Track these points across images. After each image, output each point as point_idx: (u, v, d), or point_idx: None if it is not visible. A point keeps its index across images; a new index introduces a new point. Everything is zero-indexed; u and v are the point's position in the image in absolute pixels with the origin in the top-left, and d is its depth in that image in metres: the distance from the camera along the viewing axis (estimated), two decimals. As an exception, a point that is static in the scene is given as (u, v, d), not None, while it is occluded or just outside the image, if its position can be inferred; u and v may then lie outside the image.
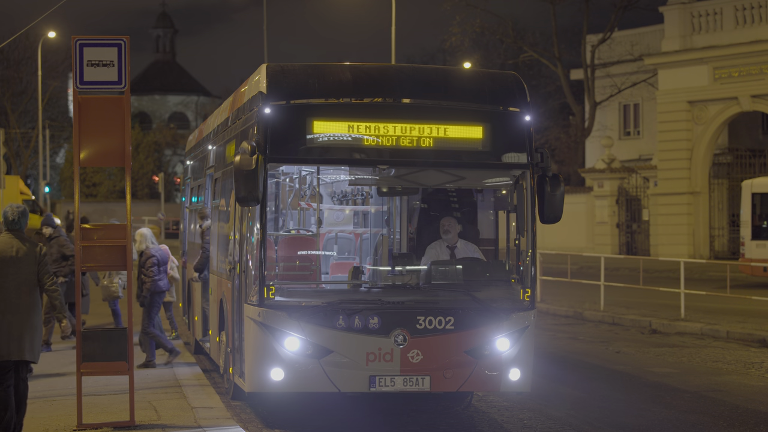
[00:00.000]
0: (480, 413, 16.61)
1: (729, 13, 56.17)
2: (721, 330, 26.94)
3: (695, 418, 16.91)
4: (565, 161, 74.31)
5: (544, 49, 72.29)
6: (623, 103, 68.75)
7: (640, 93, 65.95)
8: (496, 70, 35.45)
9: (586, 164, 66.86)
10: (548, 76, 75.30)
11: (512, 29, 72.60)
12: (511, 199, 15.71)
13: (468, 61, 70.70)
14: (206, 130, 22.42)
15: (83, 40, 14.56)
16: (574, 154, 72.46)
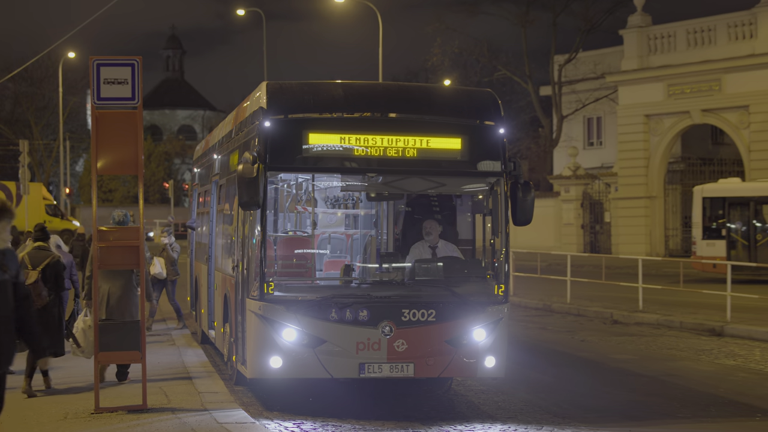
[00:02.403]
0: (459, 396, 16.61)
1: (682, 36, 56.26)
2: (675, 320, 26.98)
3: (652, 400, 16.93)
4: (535, 169, 74.33)
5: (516, 67, 72.35)
6: (587, 117, 68.82)
7: (603, 107, 66.05)
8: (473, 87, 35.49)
9: (554, 171, 66.87)
10: (520, 92, 75.27)
11: (487, 50, 72.70)
12: (486, 204, 15.73)
13: (448, 79, 70.69)
14: (212, 142, 22.39)
15: (100, 60, 14.53)
16: (543, 163, 72.52)
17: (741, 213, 42.32)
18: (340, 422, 14.38)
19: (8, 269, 8.76)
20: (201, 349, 20.67)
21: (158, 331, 23.55)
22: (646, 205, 57.59)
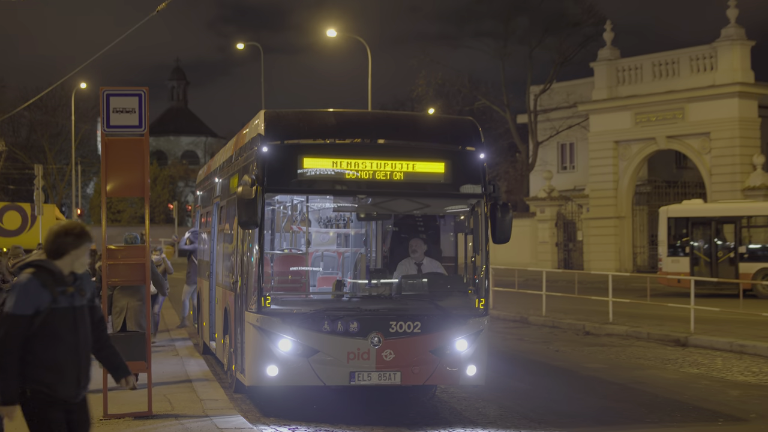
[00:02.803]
0: (442, 403, 16.57)
1: (648, 68, 56.49)
2: (642, 332, 26.96)
3: (622, 406, 16.90)
4: (513, 191, 74.38)
5: (495, 97, 72.52)
6: (561, 143, 68.94)
7: (575, 134, 66.17)
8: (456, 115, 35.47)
9: (530, 193, 66.97)
10: (498, 120, 75.31)
11: (468, 81, 72.97)
12: (468, 223, 15.70)
13: (432, 108, 70.76)
14: (213, 166, 22.37)
15: (109, 90, 14.52)
16: (520, 185, 72.61)
17: (703, 232, 42.41)
18: (332, 427, 14.33)
19: (85, 293, 8.34)
20: (203, 359, 20.60)
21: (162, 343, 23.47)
22: (616, 225, 57.72)
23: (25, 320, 7.87)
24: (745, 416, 15.97)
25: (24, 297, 7.91)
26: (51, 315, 7.97)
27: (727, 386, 18.99)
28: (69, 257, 8.15)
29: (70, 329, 8.10)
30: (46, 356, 8.01)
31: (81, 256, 8.22)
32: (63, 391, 8.04)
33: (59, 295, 8.01)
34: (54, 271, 8.06)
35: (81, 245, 8.21)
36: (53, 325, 8.00)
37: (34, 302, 7.91)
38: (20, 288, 7.96)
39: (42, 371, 7.99)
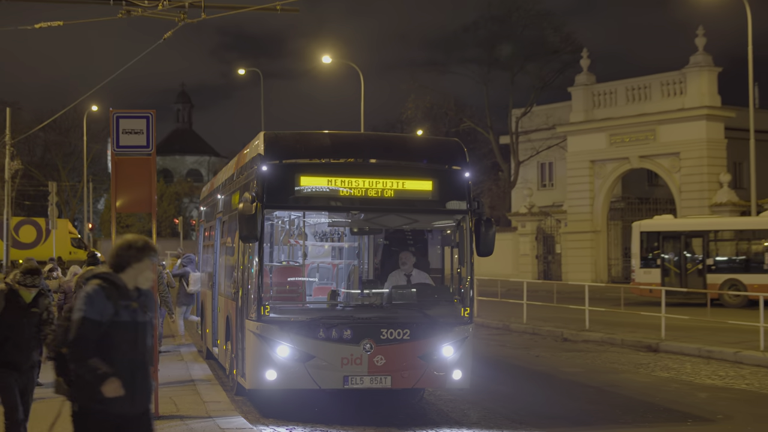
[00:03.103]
0: (430, 405, 16.56)
1: (621, 93, 56.60)
2: (617, 338, 26.97)
3: (597, 408, 16.91)
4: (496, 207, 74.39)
5: (479, 120, 72.53)
6: (541, 162, 69.03)
7: (554, 154, 66.25)
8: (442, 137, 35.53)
9: (512, 209, 66.99)
10: (482, 141, 75.35)
11: (454, 105, 73.04)
12: (454, 237, 15.73)
13: (420, 129, 70.80)
14: (216, 183, 22.37)
15: (119, 113, 14.53)
16: (503, 202, 72.63)
17: (673, 245, 42.45)
18: (327, 427, 14.32)
19: (148, 310, 7.95)
20: (206, 364, 20.56)
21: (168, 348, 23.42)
22: (592, 239, 57.75)
23: (96, 324, 7.53)
24: (712, 417, 15.98)
25: (92, 304, 7.59)
26: (112, 328, 7.62)
27: (695, 389, 19.00)
28: (132, 270, 7.79)
29: (130, 344, 7.72)
30: (108, 368, 7.57)
31: (144, 271, 7.85)
32: (116, 406, 7.61)
33: (122, 309, 7.68)
34: (119, 284, 7.75)
35: (143, 259, 7.83)
36: (113, 338, 7.63)
37: (99, 311, 7.58)
38: (88, 295, 7.62)
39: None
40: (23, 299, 11.14)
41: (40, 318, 11.29)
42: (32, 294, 11.17)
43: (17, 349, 11.03)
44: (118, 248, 7.84)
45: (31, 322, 11.17)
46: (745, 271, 40.41)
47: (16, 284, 11.11)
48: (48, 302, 11.50)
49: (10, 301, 11.07)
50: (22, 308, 11.12)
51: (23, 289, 11.09)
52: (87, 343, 7.52)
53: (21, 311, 11.10)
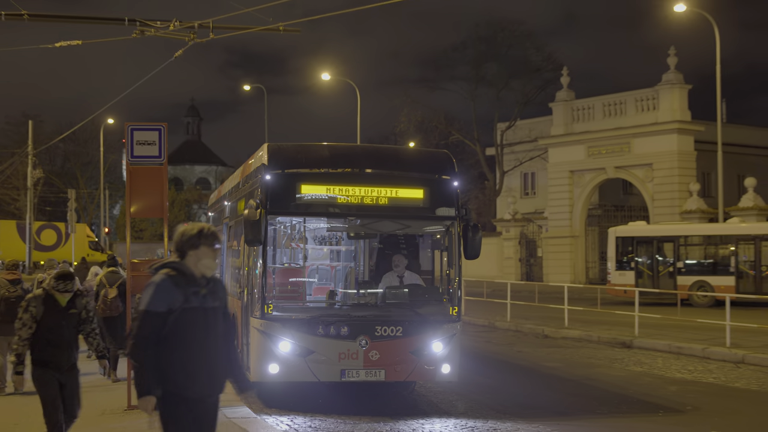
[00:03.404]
0: (421, 396, 16.56)
1: (599, 108, 56.64)
2: (593, 335, 26.99)
3: (575, 399, 16.92)
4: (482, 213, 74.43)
5: (467, 133, 72.52)
6: (524, 172, 69.07)
7: (536, 164, 66.31)
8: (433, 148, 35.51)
9: (497, 216, 66.99)
10: (470, 152, 75.38)
11: (444, 119, 72.99)
12: (443, 241, 15.74)
13: (412, 142, 70.84)
14: (223, 191, 22.38)
15: (134, 125, 14.55)
16: (489, 209, 72.66)
17: (646, 249, 42.49)
18: (325, 417, 14.32)
19: (218, 297, 7.59)
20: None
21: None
22: (571, 243, 57.76)
23: (158, 317, 7.26)
24: (681, 408, 16.00)
25: (157, 295, 7.30)
26: (183, 314, 7.33)
27: (666, 382, 19.02)
28: (190, 258, 7.44)
29: (202, 329, 7.41)
30: (177, 355, 7.35)
31: (202, 258, 7.44)
32: (193, 390, 7.38)
33: (191, 296, 7.37)
34: (186, 272, 7.42)
35: (199, 246, 7.43)
36: (185, 324, 7.35)
37: (166, 301, 7.28)
38: (154, 287, 7.36)
39: (173, 370, 7.34)
40: (59, 303, 10.85)
41: (79, 317, 11.04)
42: (67, 298, 10.88)
43: (58, 350, 10.74)
44: (177, 237, 7.56)
45: (70, 324, 10.90)
46: (712, 273, 40.45)
47: (51, 289, 10.82)
48: (86, 301, 11.24)
49: (47, 306, 10.78)
50: (59, 311, 10.83)
51: (58, 294, 10.81)
52: (147, 338, 7.29)
53: (59, 314, 10.82)
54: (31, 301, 10.84)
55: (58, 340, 10.75)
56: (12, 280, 16.02)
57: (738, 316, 26.44)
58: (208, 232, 7.49)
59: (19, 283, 16.10)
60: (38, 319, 10.73)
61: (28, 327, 10.71)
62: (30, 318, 10.73)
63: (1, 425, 12.89)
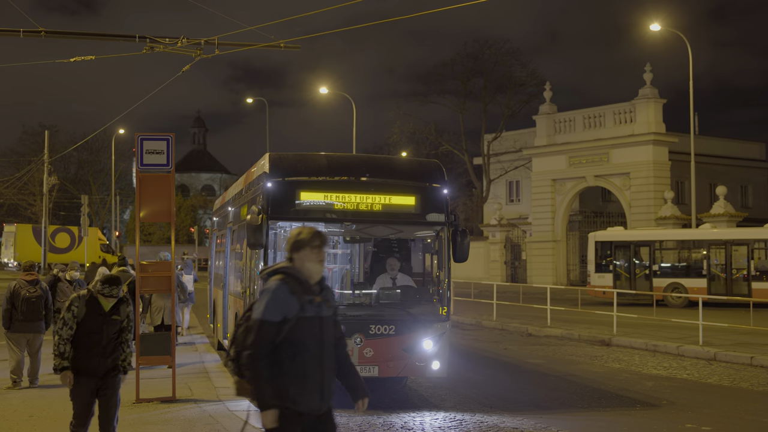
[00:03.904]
0: (413, 391, 16.53)
1: (579, 121, 56.71)
2: (574, 333, 26.98)
3: (558, 394, 16.89)
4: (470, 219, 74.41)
5: (456, 143, 72.54)
6: (509, 180, 69.09)
7: (520, 173, 66.35)
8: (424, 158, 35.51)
9: (484, 221, 66.98)
10: (459, 161, 75.48)
11: (434, 130, 73.02)
12: (434, 245, 15.72)
13: (404, 152, 70.85)
14: (227, 198, 22.35)
15: (143, 135, 14.52)
16: (476, 215, 72.65)
17: (624, 253, 42.52)
18: (322, 410, 14.26)
19: (331, 305, 6.91)
20: (217, 354, 20.51)
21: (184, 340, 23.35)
22: (553, 247, 57.78)
23: (273, 327, 6.57)
24: (657, 403, 15.98)
25: (273, 304, 6.60)
26: (298, 324, 6.62)
27: (643, 378, 19.01)
28: (297, 262, 6.79)
29: (316, 340, 6.71)
30: (292, 367, 6.63)
31: (306, 261, 6.77)
32: (306, 404, 6.69)
33: (307, 304, 6.67)
34: (301, 279, 6.73)
35: (301, 249, 6.78)
36: (300, 334, 6.63)
37: (282, 309, 6.59)
38: (270, 294, 6.65)
39: (287, 383, 6.61)
40: (102, 307, 9.99)
41: (121, 324, 10.15)
42: (111, 303, 10.01)
43: (95, 355, 9.87)
44: (287, 241, 6.93)
45: (110, 330, 10.02)
46: (686, 276, 40.49)
47: (96, 292, 9.97)
48: (129, 309, 10.29)
49: (90, 308, 9.95)
50: (101, 315, 9.98)
51: (102, 297, 9.95)
52: (262, 349, 6.57)
53: (101, 318, 9.96)
54: (74, 301, 9.99)
55: (96, 345, 9.90)
56: (30, 281, 16.00)
57: (710, 316, 26.47)
58: (313, 237, 6.85)
59: (38, 284, 16.09)
60: (79, 320, 9.89)
61: (69, 327, 9.87)
62: (71, 317, 9.90)
63: (17, 417, 12.84)
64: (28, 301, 15.73)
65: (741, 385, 18.17)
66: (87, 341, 9.88)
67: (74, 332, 9.88)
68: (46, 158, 58.63)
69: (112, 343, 10.04)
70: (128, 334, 10.23)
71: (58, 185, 77.80)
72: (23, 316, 15.72)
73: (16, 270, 76.63)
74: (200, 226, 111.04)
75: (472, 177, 71.76)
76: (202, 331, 26.43)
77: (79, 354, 9.87)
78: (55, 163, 73.33)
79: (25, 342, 15.83)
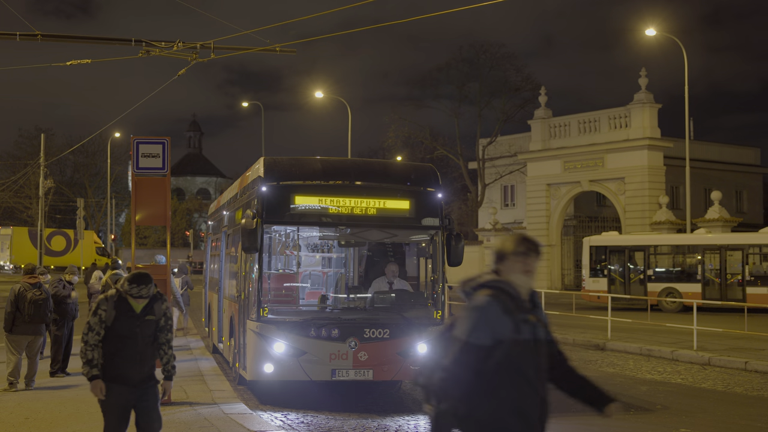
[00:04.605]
0: (407, 395, 16.52)
1: (574, 125, 56.80)
2: (569, 338, 26.99)
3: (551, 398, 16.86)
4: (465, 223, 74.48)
5: (450, 148, 72.62)
6: (504, 185, 69.16)
7: (515, 178, 66.42)
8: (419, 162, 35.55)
9: (479, 225, 67.05)
10: (453, 166, 75.49)
11: (429, 135, 73.10)
12: (428, 249, 15.73)
13: (399, 156, 70.89)
14: (222, 201, 22.35)
15: (139, 139, 14.55)
16: (471, 219, 72.72)
17: (618, 258, 42.54)
18: (317, 413, 14.29)
19: (546, 323, 5.93)
20: (212, 358, 20.49)
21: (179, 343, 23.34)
22: (547, 251, 57.81)
23: (480, 351, 5.51)
24: (651, 407, 16.00)
25: (482, 324, 5.54)
26: (514, 348, 5.58)
27: (637, 383, 19.02)
28: (503, 275, 5.85)
29: (533, 367, 5.71)
30: (510, 399, 5.59)
31: (510, 273, 5.83)
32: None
33: (521, 324, 5.64)
34: (512, 293, 5.74)
35: (505, 258, 5.86)
36: (516, 360, 5.60)
37: (494, 331, 5.54)
38: (479, 312, 5.61)
39: (506, 416, 5.57)
40: (134, 308, 8.84)
41: (157, 325, 9.00)
42: (142, 304, 8.85)
43: (129, 362, 8.76)
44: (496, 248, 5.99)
45: (145, 332, 8.86)
46: (680, 280, 40.51)
47: (125, 293, 8.84)
48: (165, 306, 9.10)
49: (120, 310, 8.80)
50: (133, 317, 8.82)
51: (131, 299, 8.81)
52: (463, 373, 5.55)
53: (133, 320, 8.81)
54: (102, 303, 8.85)
55: (130, 350, 8.77)
56: (34, 284, 16.03)
57: (704, 320, 26.51)
58: (520, 241, 5.91)
59: (41, 286, 16.12)
60: (108, 324, 8.76)
61: (96, 332, 8.74)
62: (98, 322, 8.76)
63: (13, 420, 12.82)
64: (35, 304, 15.81)
65: (735, 390, 18.19)
66: (120, 347, 8.78)
67: (104, 337, 8.78)
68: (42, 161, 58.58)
69: (149, 346, 8.95)
70: (167, 334, 9.14)
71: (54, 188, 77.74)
72: (29, 318, 15.79)
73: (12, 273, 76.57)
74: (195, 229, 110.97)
75: (467, 181, 71.82)
76: (196, 332, 26.41)
77: (112, 361, 8.77)
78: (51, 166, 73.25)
79: (25, 344, 15.87)
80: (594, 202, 62.76)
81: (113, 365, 8.75)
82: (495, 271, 5.86)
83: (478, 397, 5.55)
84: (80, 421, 12.63)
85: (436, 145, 72.49)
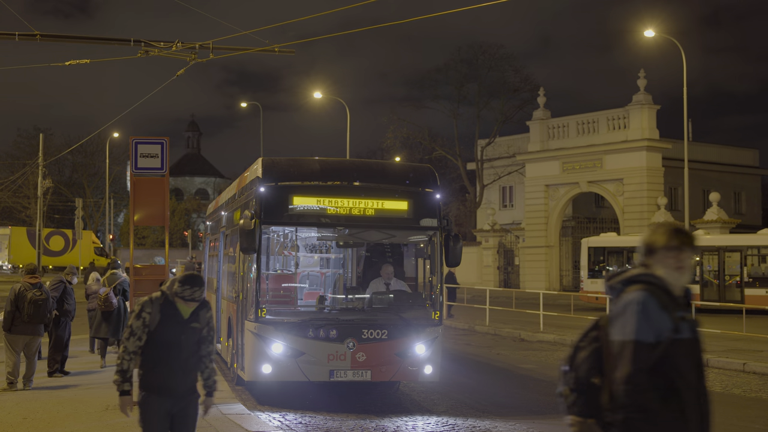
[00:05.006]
0: (405, 395, 16.53)
1: (573, 126, 56.82)
2: (567, 339, 26.98)
3: (549, 399, 16.89)
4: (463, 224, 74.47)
5: (449, 148, 72.58)
6: (502, 185, 69.17)
7: (514, 179, 66.44)
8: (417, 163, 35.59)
9: (477, 226, 67.05)
10: (452, 167, 75.50)
11: (428, 135, 73.07)
12: (426, 250, 15.74)
13: (398, 156, 70.88)
14: (220, 201, 22.33)
15: (137, 139, 14.56)
16: (469, 220, 72.70)
17: (617, 259, 42.59)
18: (315, 414, 14.29)
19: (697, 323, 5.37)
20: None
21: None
22: (546, 252, 57.85)
23: (649, 349, 5.04)
24: (648, 408, 15.98)
25: (645, 320, 5.06)
26: (672, 349, 5.09)
27: (634, 384, 19.00)
28: (653, 269, 5.31)
29: (695, 371, 5.24)
30: (665, 409, 5.10)
31: (660, 268, 5.29)
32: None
33: (680, 322, 5.15)
34: (668, 288, 5.23)
35: (655, 252, 5.31)
36: (675, 363, 5.11)
37: (655, 328, 5.07)
38: (638, 307, 5.11)
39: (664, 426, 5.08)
40: (181, 313, 8.01)
41: (201, 334, 8.14)
42: (191, 308, 8.00)
43: (173, 372, 7.98)
44: (642, 242, 5.46)
45: (190, 340, 8.05)
46: (678, 281, 40.49)
47: (174, 296, 7.99)
48: (210, 315, 8.23)
49: (165, 314, 7.99)
50: (180, 323, 8.00)
51: (181, 301, 7.96)
52: (642, 378, 5.04)
53: (179, 327, 8.00)
54: (146, 306, 8.05)
55: (174, 359, 7.98)
56: (34, 284, 16.04)
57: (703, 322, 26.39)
58: (672, 234, 5.30)
59: (41, 286, 16.13)
60: (151, 329, 7.97)
61: (137, 337, 7.95)
62: (141, 326, 7.96)
63: (10, 419, 12.82)
64: (35, 303, 15.80)
65: (733, 391, 18.21)
66: (163, 355, 8.00)
67: (145, 343, 8.02)
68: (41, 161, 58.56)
69: (193, 356, 8.14)
70: (210, 345, 8.28)
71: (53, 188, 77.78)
72: (29, 318, 15.78)
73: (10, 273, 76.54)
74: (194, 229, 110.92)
75: (466, 182, 71.83)
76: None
77: (154, 370, 8.02)
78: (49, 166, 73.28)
79: (23, 344, 15.85)
80: (592, 203, 62.79)
81: (155, 375, 8.02)
82: (644, 266, 5.34)
83: (653, 402, 5.07)
84: (78, 421, 12.63)
85: (435, 146, 72.49)
